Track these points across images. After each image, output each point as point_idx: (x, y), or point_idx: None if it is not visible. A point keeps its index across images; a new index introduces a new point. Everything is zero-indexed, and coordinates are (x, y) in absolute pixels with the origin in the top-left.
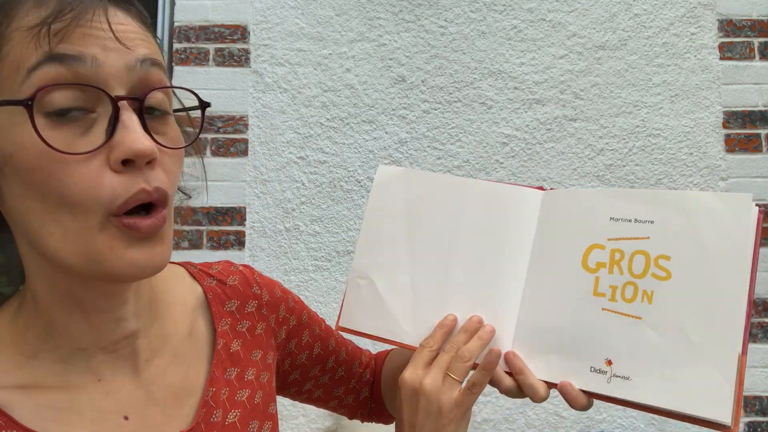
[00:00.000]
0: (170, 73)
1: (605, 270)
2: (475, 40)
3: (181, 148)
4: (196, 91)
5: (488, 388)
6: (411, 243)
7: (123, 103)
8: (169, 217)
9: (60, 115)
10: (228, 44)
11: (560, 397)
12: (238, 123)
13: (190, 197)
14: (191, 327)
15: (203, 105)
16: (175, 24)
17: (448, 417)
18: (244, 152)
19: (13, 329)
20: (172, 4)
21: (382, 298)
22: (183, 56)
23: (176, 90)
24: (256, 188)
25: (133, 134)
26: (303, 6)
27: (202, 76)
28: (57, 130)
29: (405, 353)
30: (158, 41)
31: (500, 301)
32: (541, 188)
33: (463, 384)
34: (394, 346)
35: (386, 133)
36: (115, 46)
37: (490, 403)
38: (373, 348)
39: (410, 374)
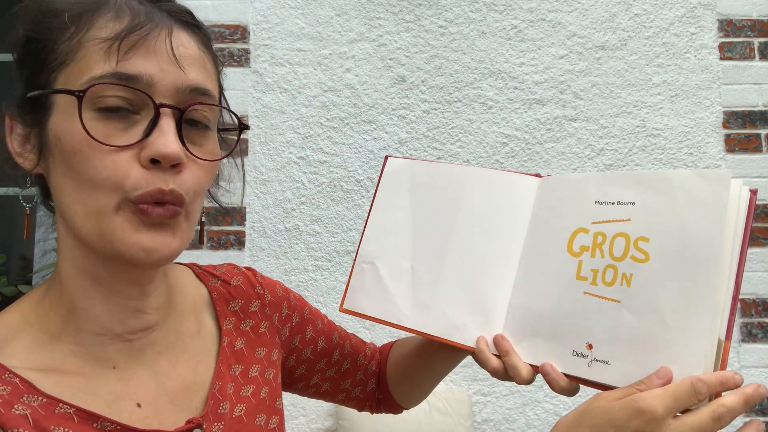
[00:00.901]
0: None
1: (588, 254)
2: (475, 40)
3: (210, 160)
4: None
5: (488, 388)
6: (413, 230)
7: (164, 110)
8: (187, 217)
9: (109, 111)
10: (228, 44)
11: (560, 397)
12: None
13: (221, 205)
14: (199, 325)
15: (241, 127)
16: None
17: None
18: (244, 152)
19: (39, 309)
20: None
21: (384, 283)
22: None
23: (224, 103)
24: (256, 188)
25: (165, 138)
26: (303, 6)
27: None
28: (103, 123)
29: (410, 342)
30: (217, 62)
31: (493, 286)
32: (538, 175)
33: None
34: (396, 339)
35: (386, 133)
36: (173, 68)
37: (490, 403)
38: (372, 338)
39: None
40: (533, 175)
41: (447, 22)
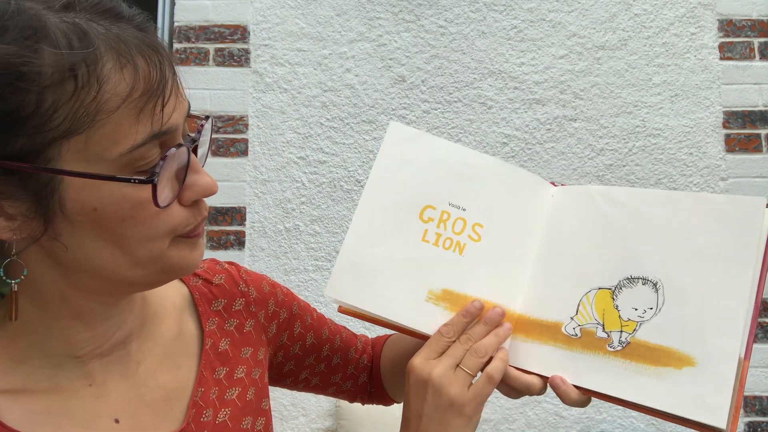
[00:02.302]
0: None
1: None
2: (475, 40)
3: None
4: (197, 92)
5: None
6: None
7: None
8: None
9: (147, 171)
10: (228, 44)
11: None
12: (238, 123)
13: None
14: (180, 327)
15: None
16: (175, 24)
17: (459, 411)
18: (244, 152)
19: (2, 336)
20: (172, 4)
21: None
22: (183, 56)
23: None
24: (256, 188)
25: (202, 177)
26: (303, 6)
27: (202, 76)
28: (147, 184)
29: (405, 340)
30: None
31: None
32: (553, 184)
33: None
34: (390, 332)
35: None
36: (181, 100)
37: (490, 403)
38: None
39: (421, 362)
40: (549, 183)
41: (447, 22)
